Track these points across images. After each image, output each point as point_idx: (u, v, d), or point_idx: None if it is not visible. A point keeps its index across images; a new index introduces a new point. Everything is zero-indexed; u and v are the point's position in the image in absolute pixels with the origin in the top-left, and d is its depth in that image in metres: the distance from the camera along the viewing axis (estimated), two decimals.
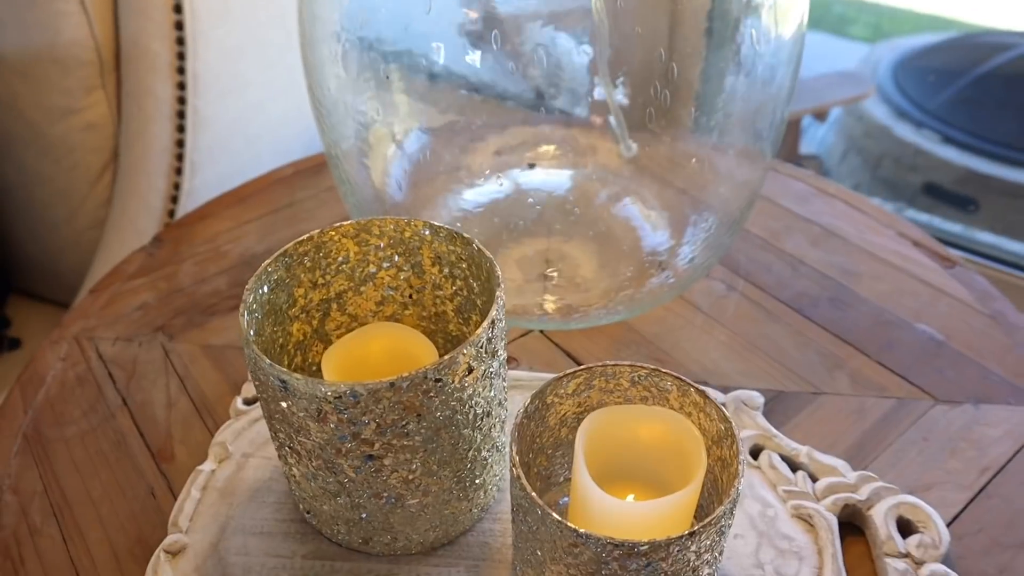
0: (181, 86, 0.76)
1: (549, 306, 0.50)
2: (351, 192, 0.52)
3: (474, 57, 0.53)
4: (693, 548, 0.29)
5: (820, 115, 1.49)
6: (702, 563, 0.30)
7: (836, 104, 1.43)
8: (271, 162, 0.85)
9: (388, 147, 0.54)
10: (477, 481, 0.36)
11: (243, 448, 0.42)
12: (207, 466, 0.41)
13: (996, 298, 0.52)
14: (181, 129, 0.78)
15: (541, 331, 0.51)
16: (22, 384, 0.48)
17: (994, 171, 1.60)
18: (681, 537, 0.28)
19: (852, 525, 0.39)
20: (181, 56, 0.75)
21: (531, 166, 0.62)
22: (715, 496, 0.33)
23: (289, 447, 0.33)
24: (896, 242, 0.57)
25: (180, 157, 0.78)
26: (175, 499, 0.41)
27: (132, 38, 0.75)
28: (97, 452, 0.44)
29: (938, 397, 0.46)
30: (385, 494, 0.33)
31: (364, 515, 0.34)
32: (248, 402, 0.44)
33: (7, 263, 0.90)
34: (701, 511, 0.35)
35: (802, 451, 0.41)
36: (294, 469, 0.34)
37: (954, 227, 1.33)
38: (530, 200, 0.59)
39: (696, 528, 0.28)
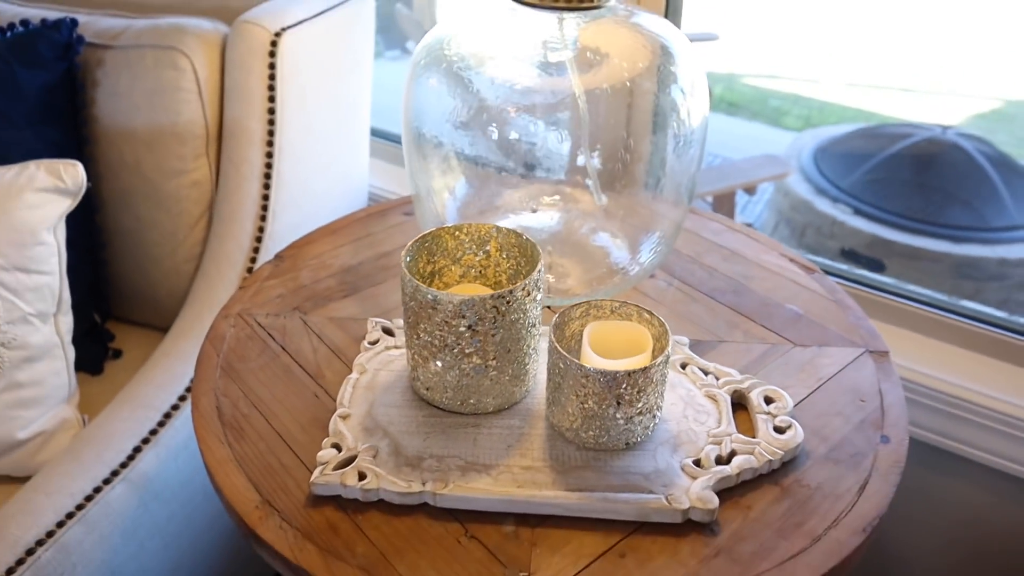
0: (269, 155, 1.06)
1: (551, 292, 0.80)
2: (425, 219, 0.82)
3: (491, 144, 0.83)
4: (645, 378, 0.58)
5: (749, 190, 1.84)
6: (650, 391, 0.59)
7: (761, 181, 1.78)
8: (327, 211, 1.15)
9: (446, 195, 0.84)
10: (525, 368, 0.65)
11: (374, 366, 0.70)
12: (353, 376, 0.69)
13: (838, 291, 0.84)
14: (267, 187, 1.07)
15: (548, 307, 0.80)
16: (211, 339, 0.76)
17: (897, 237, 1.97)
18: (638, 370, 0.58)
19: (740, 404, 0.69)
20: (271, 132, 1.06)
21: (534, 211, 0.93)
22: None
23: (427, 340, 0.61)
24: (778, 259, 0.89)
25: (265, 208, 1.07)
26: (332, 398, 0.69)
27: (235, 118, 1.05)
28: (273, 375, 0.72)
29: (796, 343, 0.76)
30: (478, 368, 0.62)
31: (464, 382, 0.63)
32: (371, 343, 0.73)
33: (109, 293, 1.17)
34: None
35: (711, 365, 0.71)
36: (424, 354, 0.63)
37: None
38: (535, 232, 0.89)
39: (647, 365, 0.58)
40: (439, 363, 0.62)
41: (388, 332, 0.75)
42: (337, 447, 0.63)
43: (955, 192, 2.04)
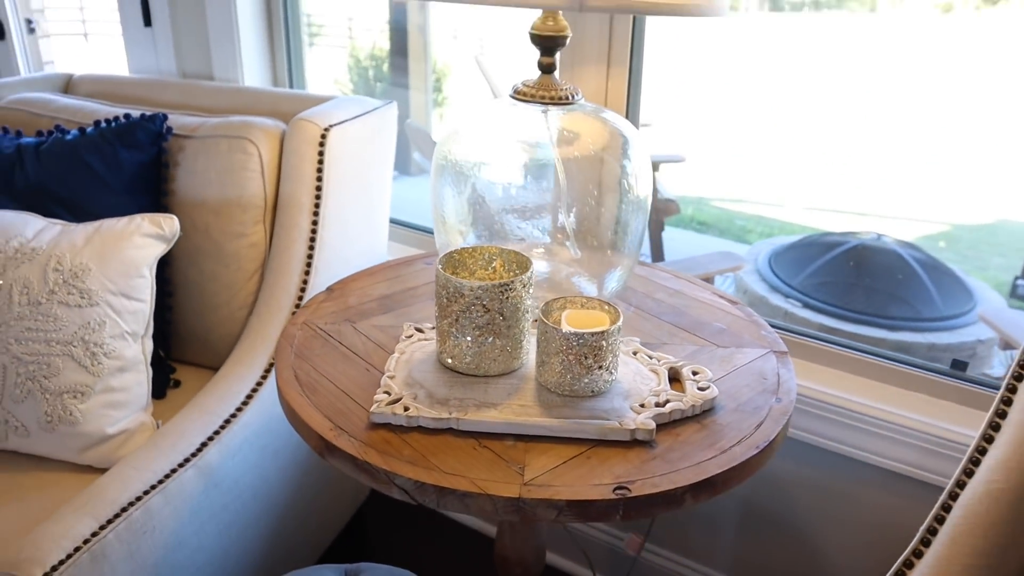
0: (315, 222, 1.38)
1: None
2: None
3: (487, 230, 1.16)
4: (605, 338, 0.88)
5: (708, 280, 2.17)
6: (608, 350, 0.89)
7: (718, 273, 2.12)
8: (355, 267, 1.45)
9: (460, 240, 1.16)
10: (521, 344, 0.94)
11: (411, 350, 0.99)
12: (395, 355, 0.98)
13: (755, 316, 1.14)
14: (311, 248, 1.38)
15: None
16: (284, 337, 1.05)
17: (840, 326, 2.30)
18: (600, 331, 0.87)
19: (675, 379, 0.98)
20: (317, 204, 1.38)
21: None
22: None
23: (454, 318, 0.91)
24: (711, 296, 1.20)
25: (309, 265, 1.38)
26: (379, 372, 0.98)
27: (289, 192, 1.38)
28: (334, 358, 1.01)
29: (719, 345, 1.06)
30: (488, 338, 0.91)
31: (479, 350, 0.92)
32: (407, 337, 1.02)
33: (170, 334, 1.45)
34: None
35: (655, 353, 1.00)
36: (452, 331, 0.92)
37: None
38: None
39: (606, 329, 0.88)
40: (458, 337, 0.92)
41: (419, 330, 1.04)
42: (387, 393, 0.91)
43: (890, 289, 2.39)
